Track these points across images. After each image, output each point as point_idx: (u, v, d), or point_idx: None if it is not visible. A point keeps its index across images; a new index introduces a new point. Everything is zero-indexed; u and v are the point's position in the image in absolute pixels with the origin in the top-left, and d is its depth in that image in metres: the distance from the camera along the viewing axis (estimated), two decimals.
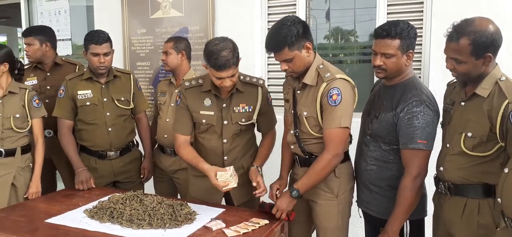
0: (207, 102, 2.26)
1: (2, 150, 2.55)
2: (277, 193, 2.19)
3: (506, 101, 1.62)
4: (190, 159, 2.27)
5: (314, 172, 2.01)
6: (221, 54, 2.04)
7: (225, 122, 2.27)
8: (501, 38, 1.68)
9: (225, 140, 2.29)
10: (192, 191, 2.47)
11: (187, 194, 2.62)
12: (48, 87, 3.11)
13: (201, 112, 2.26)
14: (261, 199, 2.27)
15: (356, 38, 3.37)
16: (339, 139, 1.96)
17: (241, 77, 2.29)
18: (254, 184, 2.18)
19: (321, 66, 2.02)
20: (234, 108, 2.27)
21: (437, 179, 1.95)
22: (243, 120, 2.29)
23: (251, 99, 2.30)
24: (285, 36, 1.93)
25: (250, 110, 2.30)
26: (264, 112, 2.35)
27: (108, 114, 2.78)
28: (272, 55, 2.05)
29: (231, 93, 2.25)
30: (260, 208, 2.17)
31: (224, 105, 2.26)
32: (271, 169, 2.58)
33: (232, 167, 2.16)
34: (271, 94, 2.48)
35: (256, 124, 2.39)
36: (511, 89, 1.65)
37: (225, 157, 2.32)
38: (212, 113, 2.26)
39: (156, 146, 3.05)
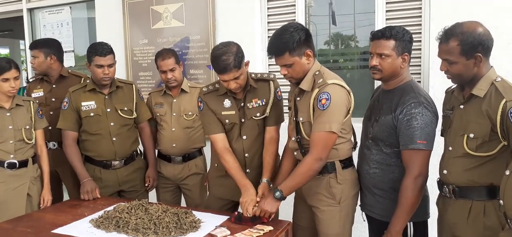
0: (227, 103, 2.33)
1: (16, 161, 2.59)
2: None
3: (504, 100, 1.67)
4: (234, 169, 2.27)
5: (296, 174, 2.04)
6: (221, 58, 2.11)
7: (243, 119, 2.34)
8: (490, 40, 1.74)
9: (244, 137, 2.36)
10: (216, 191, 2.52)
11: (196, 198, 2.65)
12: (53, 99, 3.13)
13: (223, 113, 2.34)
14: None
15: (356, 43, 3.40)
16: (323, 143, 1.96)
17: (253, 75, 2.36)
18: (258, 198, 2.20)
19: (317, 73, 2.04)
20: (248, 104, 2.33)
21: (440, 183, 1.97)
22: (257, 114, 2.35)
23: (264, 93, 2.35)
24: (286, 41, 1.97)
25: (263, 103, 2.35)
26: (273, 104, 2.37)
27: (112, 124, 2.81)
28: (274, 62, 2.09)
29: (245, 91, 2.31)
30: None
31: (242, 104, 2.33)
32: None
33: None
34: None
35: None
36: (507, 89, 1.70)
37: (246, 154, 2.38)
38: (233, 112, 2.33)
39: (157, 156, 3.06)
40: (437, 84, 2.82)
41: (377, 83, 3.12)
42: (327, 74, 2.04)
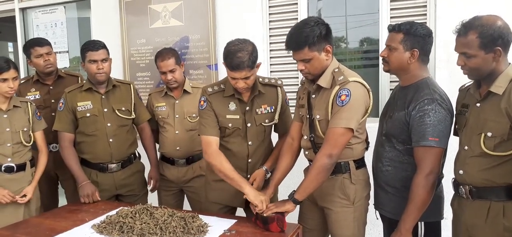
0: (232, 106, 2.26)
1: (14, 165, 2.51)
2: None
3: None
4: (232, 171, 2.16)
5: (307, 175, 1.98)
6: (237, 55, 2.05)
7: (249, 124, 2.27)
8: (510, 34, 1.70)
9: (250, 142, 2.30)
10: (213, 196, 2.43)
11: (202, 201, 2.59)
12: (53, 101, 3.04)
13: (227, 116, 2.26)
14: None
15: (362, 43, 3.36)
16: (335, 139, 1.90)
17: (260, 79, 2.30)
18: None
19: (337, 70, 1.99)
20: (257, 110, 2.27)
21: (456, 183, 1.92)
22: (266, 120, 2.30)
23: (272, 99, 2.31)
24: (307, 35, 1.91)
25: (272, 110, 2.31)
26: (282, 112, 2.34)
27: (109, 125, 2.74)
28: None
29: (253, 95, 2.25)
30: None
31: (247, 108, 2.26)
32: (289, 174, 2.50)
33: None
34: None
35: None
36: None
37: (250, 160, 2.32)
38: (237, 116, 2.26)
39: (159, 158, 2.99)
40: (443, 84, 2.77)
41: (382, 83, 3.10)
42: (347, 72, 1.99)
